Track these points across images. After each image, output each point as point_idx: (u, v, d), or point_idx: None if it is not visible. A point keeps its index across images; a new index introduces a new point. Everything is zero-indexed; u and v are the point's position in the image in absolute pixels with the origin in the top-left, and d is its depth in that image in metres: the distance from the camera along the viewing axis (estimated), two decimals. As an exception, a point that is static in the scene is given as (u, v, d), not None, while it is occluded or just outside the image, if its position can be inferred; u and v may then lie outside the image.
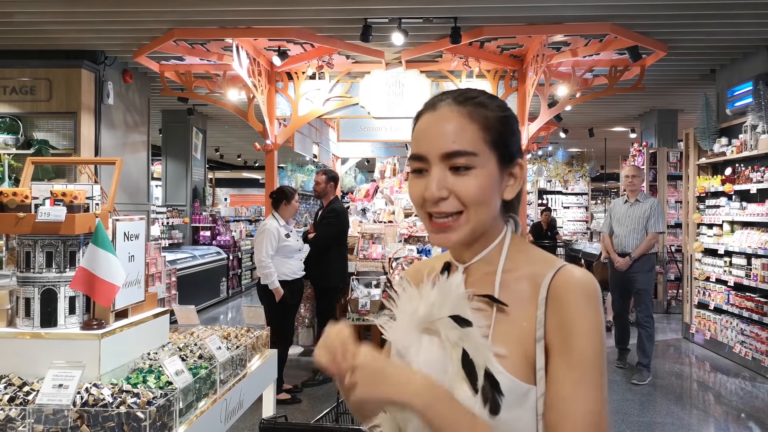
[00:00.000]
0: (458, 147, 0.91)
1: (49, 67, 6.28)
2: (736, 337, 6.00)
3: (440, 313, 0.91)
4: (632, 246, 5.38)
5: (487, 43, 6.06)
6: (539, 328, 0.87)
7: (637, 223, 5.40)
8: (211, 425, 2.29)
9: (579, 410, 0.83)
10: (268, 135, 6.66)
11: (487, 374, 0.85)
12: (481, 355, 0.86)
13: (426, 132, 0.94)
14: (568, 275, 0.89)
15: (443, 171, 0.92)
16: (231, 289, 10.21)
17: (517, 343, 0.88)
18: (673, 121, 9.67)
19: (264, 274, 4.85)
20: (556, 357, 0.86)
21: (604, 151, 12.68)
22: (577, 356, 0.85)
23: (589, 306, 0.87)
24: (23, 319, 2.25)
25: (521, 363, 0.87)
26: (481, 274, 0.96)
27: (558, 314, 0.87)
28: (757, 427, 4.38)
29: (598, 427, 0.83)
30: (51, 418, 1.85)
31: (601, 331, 0.87)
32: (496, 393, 0.84)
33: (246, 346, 2.84)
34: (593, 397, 0.84)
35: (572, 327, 0.86)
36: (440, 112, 0.94)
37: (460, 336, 0.88)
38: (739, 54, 6.46)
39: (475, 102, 0.94)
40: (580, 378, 0.84)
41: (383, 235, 6.55)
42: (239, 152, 16.39)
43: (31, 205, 2.34)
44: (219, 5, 5.05)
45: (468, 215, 0.92)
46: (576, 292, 0.87)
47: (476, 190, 0.91)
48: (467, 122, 0.92)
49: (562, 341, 0.86)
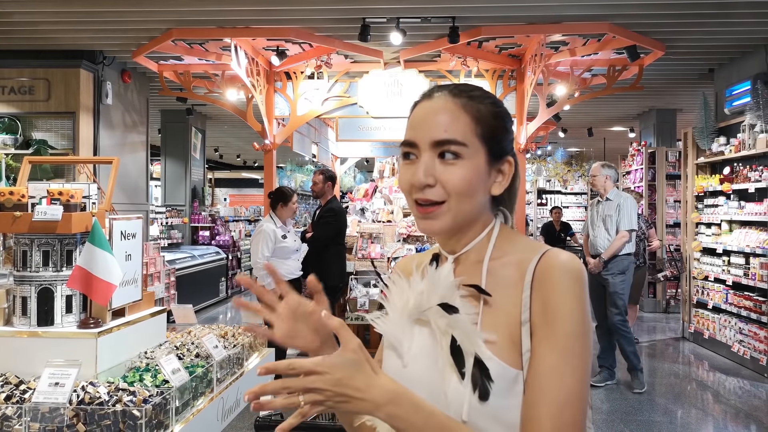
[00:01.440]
0: (448, 136, 0.92)
1: (47, 67, 6.28)
2: (735, 336, 6.00)
3: (429, 303, 0.91)
4: (603, 246, 5.15)
5: (486, 42, 6.06)
6: (525, 311, 0.88)
7: (606, 222, 5.16)
8: (208, 423, 2.30)
9: (556, 388, 0.83)
10: (266, 135, 6.66)
11: (476, 360, 0.85)
12: (470, 341, 0.86)
13: (419, 119, 0.96)
14: (553, 258, 0.90)
15: (432, 158, 0.93)
16: (230, 289, 10.21)
17: (504, 329, 0.89)
18: (671, 121, 9.67)
19: (261, 275, 4.86)
20: (539, 337, 0.87)
21: (603, 150, 12.68)
22: (559, 336, 0.85)
23: (573, 287, 0.87)
24: (20, 318, 2.26)
25: (509, 348, 0.87)
26: (470, 264, 0.97)
27: (542, 295, 0.88)
28: (756, 426, 4.38)
29: (574, 405, 0.83)
30: (47, 416, 1.85)
31: (585, 312, 0.88)
32: (485, 379, 0.84)
33: (243, 345, 2.85)
34: (572, 377, 0.84)
35: (555, 307, 0.87)
36: (435, 101, 0.96)
37: (449, 323, 0.88)
38: (738, 53, 6.47)
39: (470, 95, 0.96)
40: (561, 357, 0.84)
41: (382, 234, 6.55)
42: (238, 152, 16.39)
43: (28, 204, 2.34)
44: (217, 5, 5.05)
45: (449, 205, 0.93)
46: (560, 274, 0.88)
47: (461, 181, 0.92)
48: (460, 113, 0.94)
49: (545, 321, 0.87)
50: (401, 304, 0.95)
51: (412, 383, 0.89)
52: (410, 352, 0.93)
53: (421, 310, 0.93)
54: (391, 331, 0.95)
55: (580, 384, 0.85)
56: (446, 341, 0.88)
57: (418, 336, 0.93)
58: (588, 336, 0.87)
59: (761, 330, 5.58)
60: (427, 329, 0.92)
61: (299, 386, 0.77)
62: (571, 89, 6.41)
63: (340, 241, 5.55)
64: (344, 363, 0.78)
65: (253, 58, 6.18)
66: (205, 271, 9.10)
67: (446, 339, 0.88)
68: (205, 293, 9.06)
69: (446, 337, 0.89)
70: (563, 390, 0.83)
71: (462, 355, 0.86)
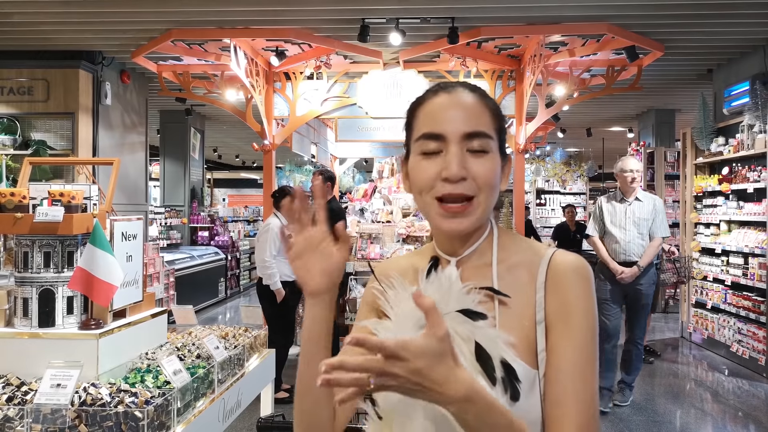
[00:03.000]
0: (480, 128, 0.92)
1: (46, 68, 6.27)
2: (734, 336, 6.01)
3: (446, 309, 0.88)
4: (637, 253, 4.53)
5: (485, 43, 6.07)
6: (539, 311, 0.90)
7: (641, 226, 4.56)
8: (209, 424, 2.30)
9: (580, 386, 0.87)
10: (266, 135, 6.66)
11: (504, 363, 0.85)
12: (495, 345, 0.86)
13: (443, 111, 0.93)
14: (564, 259, 0.93)
15: (463, 151, 0.91)
16: (229, 290, 10.21)
17: (519, 330, 0.90)
18: (670, 121, 9.69)
19: (266, 275, 4.85)
20: (557, 335, 0.89)
21: (602, 150, 12.69)
22: (577, 334, 0.89)
23: (586, 287, 0.92)
24: (21, 319, 2.26)
25: (525, 349, 0.89)
26: (473, 267, 0.96)
27: (557, 296, 0.90)
28: (754, 425, 4.39)
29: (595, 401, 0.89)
30: (49, 418, 1.85)
31: (595, 312, 0.92)
32: (515, 380, 0.85)
33: (244, 345, 2.85)
34: (592, 373, 0.89)
35: (572, 307, 0.90)
36: (458, 94, 0.95)
37: (471, 329, 0.87)
38: (736, 54, 6.48)
39: (482, 92, 0.97)
40: (581, 354, 0.88)
41: (381, 235, 6.55)
42: (237, 152, 16.38)
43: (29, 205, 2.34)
44: (217, 5, 5.05)
45: (479, 200, 0.92)
46: (573, 274, 0.92)
47: (491, 174, 0.92)
48: (482, 107, 0.94)
49: (562, 320, 0.89)
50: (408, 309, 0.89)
51: None
52: None
53: None
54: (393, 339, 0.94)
55: (596, 378, 0.90)
56: (469, 347, 0.85)
57: None
58: (597, 332, 0.92)
59: (760, 330, 5.59)
60: None
61: (377, 369, 0.70)
62: (570, 89, 6.42)
63: (339, 241, 5.55)
64: (429, 352, 0.72)
65: (252, 59, 6.18)
66: (204, 271, 9.10)
67: (469, 345, 0.85)
68: (204, 294, 9.06)
69: (469, 343, 0.86)
70: (587, 387, 0.87)
71: (491, 361, 0.85)
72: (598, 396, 0.89)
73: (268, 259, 4.83)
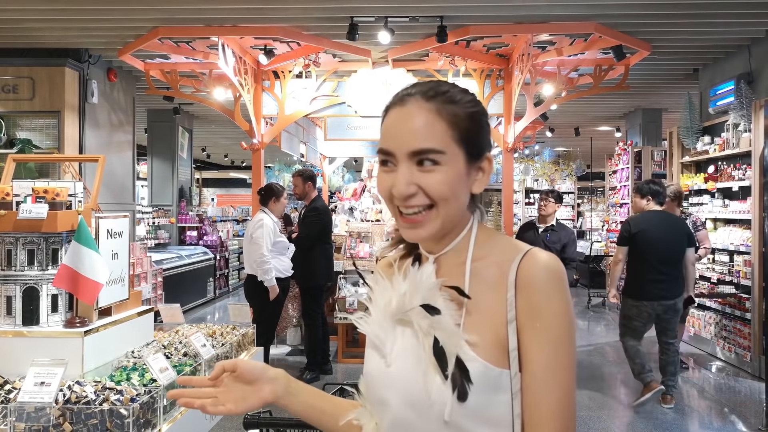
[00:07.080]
0: (426, 145, 0.90)
1: (32, 66, 6.21)
2: (719, 333, 6.07)
3: (411, 303, 0.92)
4: None
5: (473, 42, 6.09)
6: (510, 310, 0.89)
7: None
8: (196, 422, 2.29)
9: (553, 388, 0.87)
10: (254, 134, 6.64)
11: (457, 361, 0.86)
12: (453, 342, 0.87)
13: (393, 128, 0.92)
14: (535, 258, 0.91)
15: (410, 168, 0.91)
16: (218, 290, 10.16)
17: (489, 329, 0.89)
18: (657, 120, 9.77)
19: (264, 270, 4.83)
20: (528, 337, 0.88)
21: (590, 150, 12.78)
22: (549, 336, 0.87)
23: (557, 287, 0.89)
24: (4, 318, 2.23)
25: (494, 347, 0.88)
26: (452, 264, 0.97)
27: (528, 296, 0.89)
28: (740, 421, 4.44)
29: (570, 400, 0.88)
30: (33, 416, 1.83)
31: (571, 311, 0.90)
32: (465, 380, 0.85)
33: (231, 344, 2.84)
34: (566, 374, 0.88)
35: (542, 308, 0.88)
36: (408, 108, 0.92)
37: (431, 324, 0.89)
38: (722, 53, 6.55)
39: (445, 98, 0.92)
40: (554, 356, 0.87)
41: (371, 233, 6.55)
42: (226, 152, 16.31)
43: (13, 202, 2.32)
44: (205, 3, 5.02)
45: (437, 210, 0.92)
46: (544, 274, 0.89)
47: (443, 186, 0.90)
48: (435, 119, 0.90)
49: (533, 322, 0.88)
50: (384, 304, 0.95)
51: (394, 383, 0.91)
52: (393, 353, 0.93)
53: (403, 311, 0.93)
54: (374, 332, 0.96)
55: (572, 379, 0.88)
56: (429, 342, 0.89)
57: (401, 336, 0.94)
58: (574, 332, 0.89)
59: (745, 327, 5.65)
60: (410, 330, 0.93)
61: None
62: (558, 89, 6.45)
63: (326, 239, 5.54)
64: None
65: (240, 57, 6.15)
66: (192, 271, 9.04)
67: (429, 340, 0.89)
68: (192, 293, 9.01)
69: (429, 338, 0.89)
70: (560, 388, 0.87)
71: (445, 356, 0.87)
72: (574, 399, 0.88)
73: (266, 254, 4.81)
